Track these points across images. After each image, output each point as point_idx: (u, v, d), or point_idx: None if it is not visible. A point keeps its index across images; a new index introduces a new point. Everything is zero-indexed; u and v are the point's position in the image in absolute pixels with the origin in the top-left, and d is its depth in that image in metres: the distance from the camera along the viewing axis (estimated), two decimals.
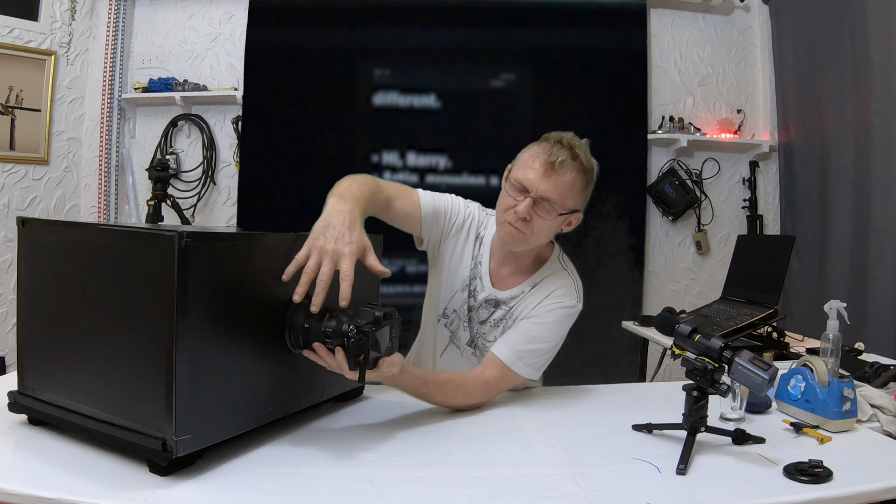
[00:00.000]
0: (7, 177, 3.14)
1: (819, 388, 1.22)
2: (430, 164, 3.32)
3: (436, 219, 1.44)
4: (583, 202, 1.38)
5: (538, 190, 1.29)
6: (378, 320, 1.01)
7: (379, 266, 1.08)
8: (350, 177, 1.23)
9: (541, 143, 1.35)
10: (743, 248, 2.54)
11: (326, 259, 1.02)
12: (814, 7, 3.03)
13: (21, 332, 1.05)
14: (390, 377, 1.12)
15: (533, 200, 1.30)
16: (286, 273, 1.02)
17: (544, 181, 1.29)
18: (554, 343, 1.38)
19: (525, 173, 1.31)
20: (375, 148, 3.35)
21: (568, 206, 1.33)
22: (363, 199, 1.16)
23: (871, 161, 2.61)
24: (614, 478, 0.97)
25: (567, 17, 3.38)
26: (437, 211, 1.44)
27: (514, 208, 1.31)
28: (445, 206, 1.46)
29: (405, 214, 1.38)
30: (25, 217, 1.04)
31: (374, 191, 1.25)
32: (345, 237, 1.04)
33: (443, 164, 3.32)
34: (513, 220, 1.31)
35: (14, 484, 0.83)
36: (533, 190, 1.30)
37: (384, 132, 3.35)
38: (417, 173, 3.32)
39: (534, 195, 1.29)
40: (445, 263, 1.47)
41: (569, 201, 1.33)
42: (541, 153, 1.32)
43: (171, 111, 3.46)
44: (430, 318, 1.51)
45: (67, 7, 3.30)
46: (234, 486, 0.89)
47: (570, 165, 1.30)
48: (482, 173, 3.30)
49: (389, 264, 1.14)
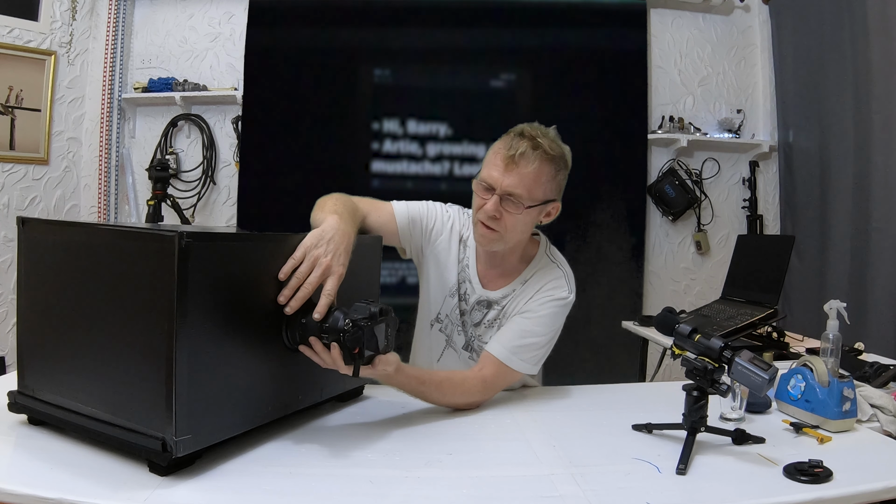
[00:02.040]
0: (7, 177, 3.14)
1: (819, 388, 1.22)
2: (429, 174, 3.32)
3: (413, 227, 1.44)
4: (556, 190, 1.36)
5: (502, 185, 1.29)
6: (374, 316, 1.01)
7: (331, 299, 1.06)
8: (332, 196, 1.28)
9: (503, 139, 1.35)
10: (743, 248, 2.54)
11: (318, 270, 1.04)
12: (814, 7, 3.03)
13: (21, 332, 1.05)
14: (386, 375, 1.12)
15: (500, 197, 1.29)
16: (282, 271, 1.03)
17: (507, 176, 1.29)
18: (549, 336, 1.38)
19: (489, 171, 1.32)
20: (375, 149, 3.35)
21: (537, 197, 1.32)
22: (356, 222, 1.20)
23: (871, 161, 2.61)
24: (614, 478, 0.97)
25: (567, 17, 3.37)
26: (412, 219, 1.44)
27: (482, 207, 1.31)
28: (421, 212, 1.46)
29: (379, 227, 1.39)
30: (25, 217, 1.04)
31: (354, 209, 1.28)
32: (340, 258, 1.07)
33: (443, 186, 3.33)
34: (484, 219, 1.32)
35: (14, 484, 0.83)
36: (497, 186, 1.30)
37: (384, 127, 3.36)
38: (416, 181, 3.32)
39: (499, 192, 1.29)
40: (432, 269, 1.47)
41: (537, 192, 1.31)
42: (501, 148, 1.32)
43: (171, 111, 3.46)
44: (424, 324, 1.51)
45: (67, 7, 3.30)
46: (233, 486, 0.89)
47: (532, 156, 1.29)
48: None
49: (387, 267, 1.15)
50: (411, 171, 3.33)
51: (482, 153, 3.23)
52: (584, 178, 3.18)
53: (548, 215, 1.38)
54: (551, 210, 1.38)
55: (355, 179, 3.31)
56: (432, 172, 3.32)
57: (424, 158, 3.32)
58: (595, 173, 3.26)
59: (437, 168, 3.33)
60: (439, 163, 3.33)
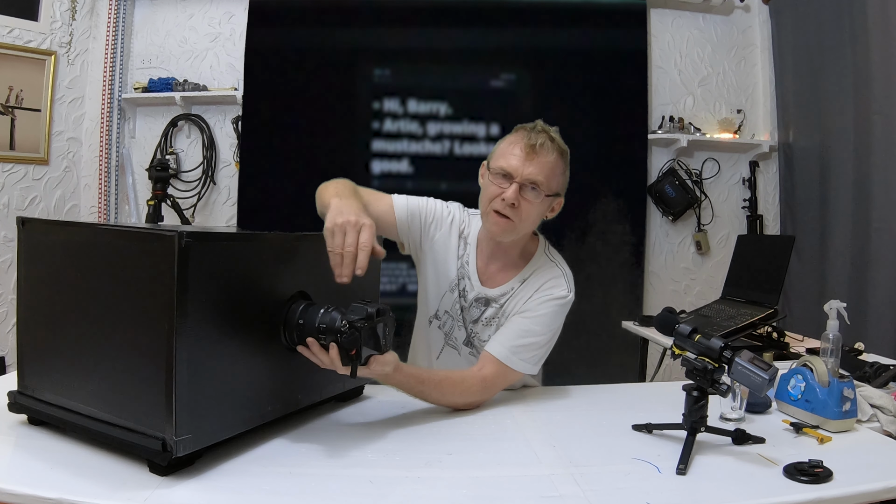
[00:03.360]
0: (7, 177, 3.14)
1: (819, 388, 1.22)
2: (430, 171, 3.32)
3: (412, 220, 1.45)
4: (564, 185, 1.40)
5: (523, 174, 1.31)
6: (371, 316, 1.01)
7: (378, 247, 1.11)
8: (332, 182, 1.30)
9: (517, 132, 1.37)
10: (743, 248, 2.54)
11: (350, 230, 1.05)
12: (814, 7, 3.03)
13: (21, 332, 1.05)
14: (384, 375, 1.12)
15: (519, 185, 1.31)
16: (341, 270, 1.03)
17: (528, 164, 1.31)
18: (549, 336, 1.38)
19: (507, 160, 1.33)
20: (375, 150, 3.35)
21: (553, 188, 1.35)
22: (359, 200, 1.21)
23: (871, 161, 2.61)
24: (614, 478, 0.97)
25: (567, 17, 3.37)
26: (411, 213, 1.45)
27: (500, 196, 1.32)
28: (420, 207, 1.46)
29: (378, 217, 1.38)
30: (25, 217, 1.04)
31: (355, 191, 1.30)
32: (361, 215, 1.09)
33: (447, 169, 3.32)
34: (501, 207, 1.32)
35: (14, 484, 0.83)
36: (518, 175, 1.31)
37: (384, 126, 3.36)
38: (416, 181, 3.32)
39: (519, 180, 1.31)
40: (430, 265, 1.47)
41: (553, 183, 1.35)
42: (519, 139, 1.34)
43: (171, 111, 3.46)
44: (422, 321, 1.52)
45: (67, 7, 3.30)
46: (233, 486, 0.89)
47: (550, 147, 1.33)
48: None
49: (386, 273, 1.15)
50: (407, 170, 3.33)
51: (481, 153, 3.29)
52: (585, 178, 3.16)
53: (552, 211, 1.41)
54: (556, 205, 1.41)
55: (355, 179, 3.30)
56: (432, 151, 3.31)
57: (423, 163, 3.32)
58: (595, 173, 3.26)
59: (438, 147, 3.33)
60: (439, 142, 3.33)
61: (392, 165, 3.34)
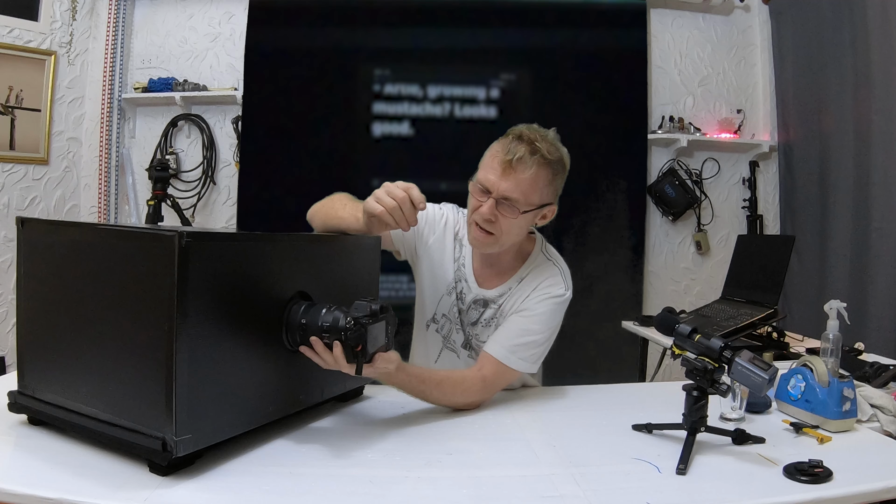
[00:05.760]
0: (7, 177, 3.14)
1: (819, 388, 1.22)
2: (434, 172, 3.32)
3: None
4: (552, 194, 1.36)
5: (499, 190, 1.29)
6: (375, 313, 1.01)
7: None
8: (329, 198, 1.35)
9: (501, 141, 1.34)
10: (743, 248, 2.54)
11: (396, 188, 1.16)
12: (814, 7, 3.03)
13: (21, 332, 1.05)
14: (387, 374, 1.12)
15: (496, 201, 1.29)
16: (403, 219, 1.16)
17: (503, 181, 1.29)
18: (547, 334, 1.37)
19: (486, 173, 1.32)
20: (375, 150, 3.35)
21: (533, 202, 1.32)
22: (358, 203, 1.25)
23: (871, 161, 2.61)
24: (614, 478, 0.97)
25: (567, 17, 3.37)
26: None
27: (478, 209, 1.31)
28: None
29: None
30: (25, 217, 1.04)
31: (355, 200, 1.31)
32: (397, 182, 1.18)
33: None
34: (479, 221, 1.32)
35: (14, 484, 0.83)
36: (494, 190, 1.29)
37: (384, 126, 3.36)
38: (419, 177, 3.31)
39: (495, 195, 1.29)
40: (427, 269, 1.47)
41: (533, 197, 1.31)
42: (499, 152, 1.31)
43: (171, 111, 3.46)
44: (420, 326, 1.51)
45: (67, 7, 3.30)
46: (234, 486, 0.89)
47: (529, 161, 1.28)
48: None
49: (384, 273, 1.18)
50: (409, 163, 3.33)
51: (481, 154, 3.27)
52: (585, 178, 3.18)
53: (543, 218, 1.38)
54: (547, 213, 1.38)
55: (355, 179, 3.31)
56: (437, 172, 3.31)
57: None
58: (595, 173, 3.26)
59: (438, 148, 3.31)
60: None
61: (392, 165, 3.34)
